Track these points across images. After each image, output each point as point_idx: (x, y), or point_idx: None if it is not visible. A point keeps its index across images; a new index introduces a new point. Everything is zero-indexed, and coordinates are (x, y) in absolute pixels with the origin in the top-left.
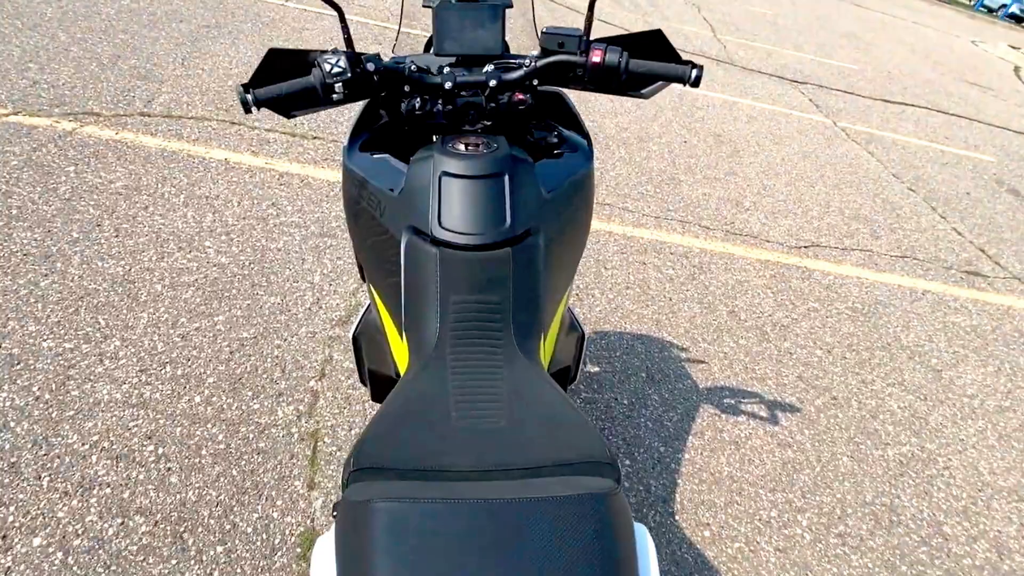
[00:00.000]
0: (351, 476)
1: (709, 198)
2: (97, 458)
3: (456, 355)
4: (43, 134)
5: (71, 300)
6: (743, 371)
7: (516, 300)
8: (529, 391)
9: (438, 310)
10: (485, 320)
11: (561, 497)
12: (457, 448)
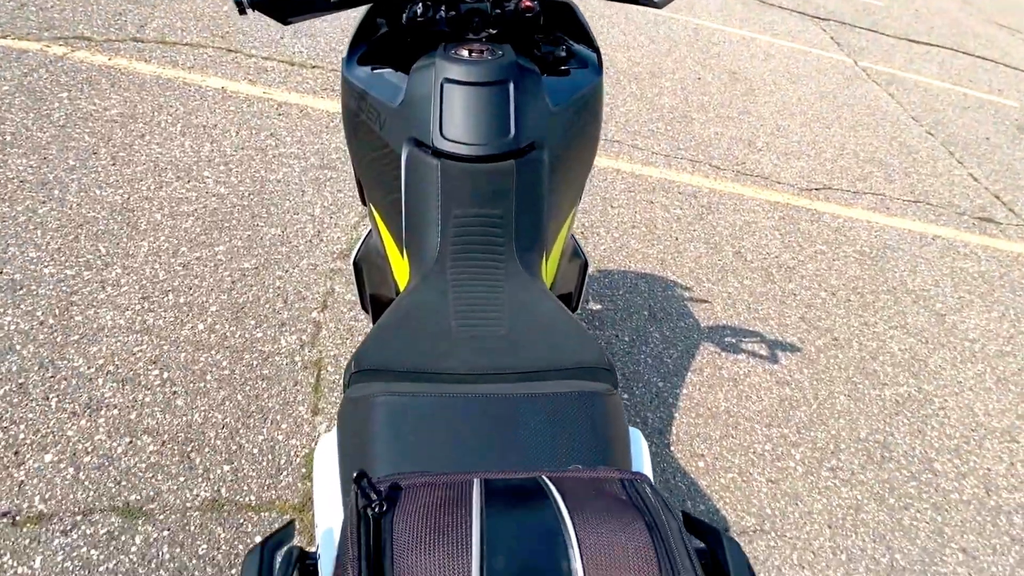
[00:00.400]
0: (352, 377)
1: (721, 137)
2: (103, 381)
3: (457, 268)
4: (33, 59)
5: (70, 228)
6: (746, 311)
7: (519, 215)
8: (530, 303)
9: (439, 224)
10: (487, 234)
11: (557, 394)
12: (456, 353)
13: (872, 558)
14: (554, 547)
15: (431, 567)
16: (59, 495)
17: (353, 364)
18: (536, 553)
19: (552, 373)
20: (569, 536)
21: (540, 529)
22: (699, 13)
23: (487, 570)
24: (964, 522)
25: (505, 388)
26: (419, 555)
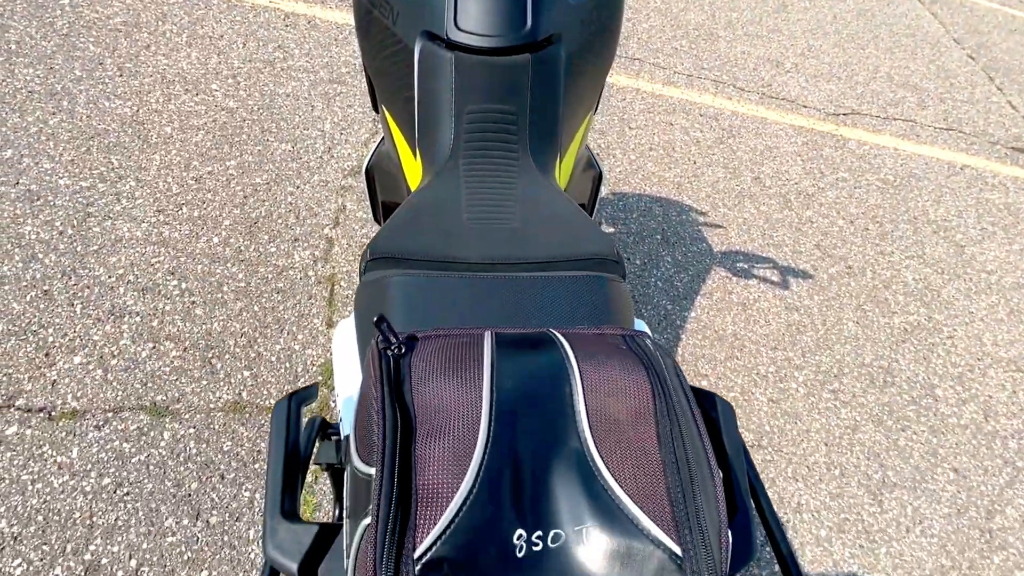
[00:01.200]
0: (367, 265)
1: (748, 57)
2: (124, 290)
3: (469, 164)
4: None
5: (82, 140)
6: (760, 237)
7: (533, 111)
8: (542, 198)
9: (452, 120)
10: (500, 131)
11: (567, 276)
12: (468, 244)
13: (865, 474)
14: (558, 378)
15: (446, 394)
16: (90, 394)
17: (368, 253)
18: (540, 381)
19: (562, 263)
20: (572, 369)
21: (546, 363)
22: None
23: (496, 393)
24: (959, 444)
25: (516, 274)
26: (434, 385)
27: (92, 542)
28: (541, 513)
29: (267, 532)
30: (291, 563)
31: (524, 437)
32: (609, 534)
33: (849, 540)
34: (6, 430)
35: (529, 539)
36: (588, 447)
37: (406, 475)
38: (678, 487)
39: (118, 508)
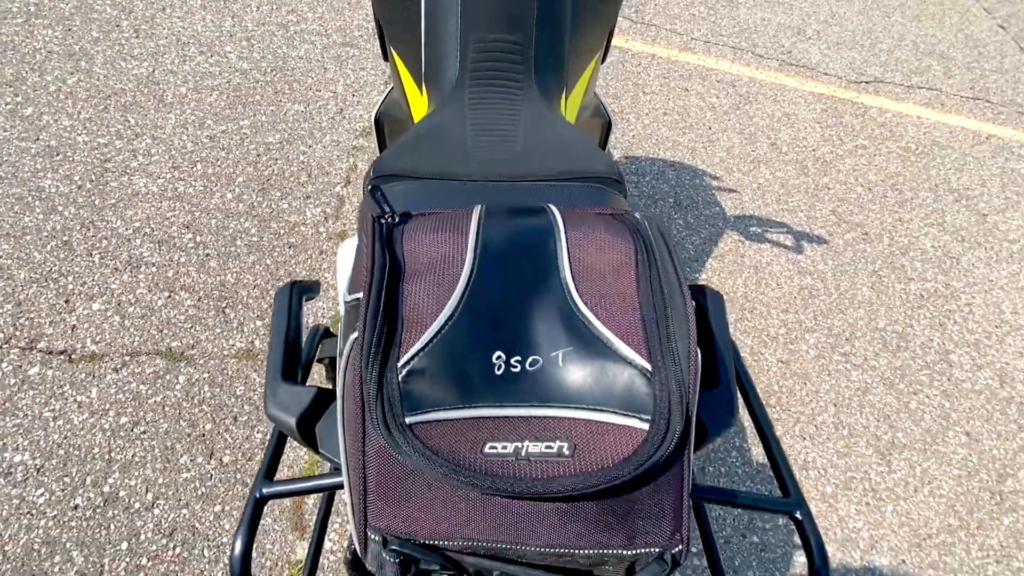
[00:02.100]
0: (371, 183)
1: (768, 24)
2: (141, 241)
3: (475, 93)
4: None
5: (99, 98)
6: (775, 202)
7: (539, 42)
8: (546, 124)
9: (458, 51)
10: (506, 60)
11: (567, 184)
12: (471, 163)
13: (874, 435)
14: (544, 233)
15: (434, 245)
16: (108, 339)
17: (372, 171)
18: (526, 235)
19: (564, 180)
20: (559, 228)
21: (533, 222)
22: None
23: (481, 242)
24: (972, 409)
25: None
26: (423, 238)
27: (111, 475)
28: (520, 340)
29: (268, 393)
30: (290, 419)
31: (506, 276)
32: (584, 356)
33: (855, 497)
34: (29, 370)
35: (508, 361)
36: (568, 287)
37: (392, 302)
38: (652, 318)
39: (135, 445)
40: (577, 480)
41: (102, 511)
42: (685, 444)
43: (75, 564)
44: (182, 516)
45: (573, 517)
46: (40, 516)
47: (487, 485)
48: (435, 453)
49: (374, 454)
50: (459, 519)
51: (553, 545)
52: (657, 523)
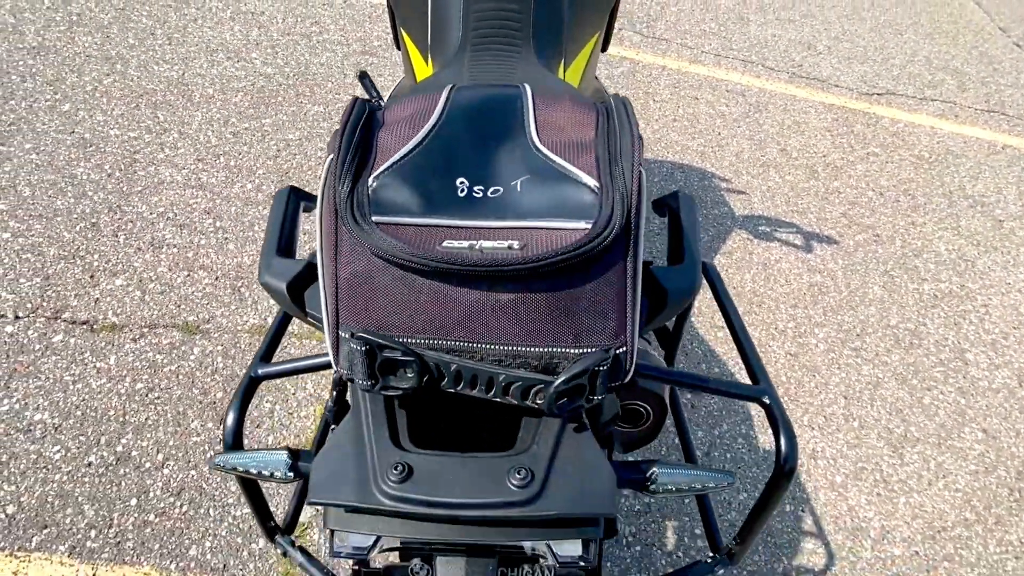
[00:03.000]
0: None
1: (779, 39)
2: (164, 225)
3: (475, 55)
4: None
5: (132, 97)
6: (784, 204)
7: (537, 11)
8: (541, 79)
9: (461, 19)
10: (505, 26)
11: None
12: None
13: (886, 428)
14: (512, 97)
15: (407, 107)
16: (128, 312)
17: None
18: (495, 97)
19: None
20: (526, 94)
21: (503, 90)
22: None
23: (452, 98)
24: (989, 407)
25: None
26: (400, 106)
27: (124, 436)
28: (482, 171)
29: (262, 264)
30: (280, 283)
31: (472, 123)
32: (540, 182)
33: (866, 488)
34: (53, 338)
35: (470, 187)
36: (531, 134)
37: (366, 138)
38: (605, 156)
39: (149, 409)
40: (525, 261)
41: (114, 469)
42: (627, 248)
43: (86, 516)
44: (190, 477)
45: (524, 316)
46: (55, 471)
47: (443, 266)
48: (400, 228)
49: (346, 253)
50: (419, 315)
51: (506, 343)
52: (602, 322)
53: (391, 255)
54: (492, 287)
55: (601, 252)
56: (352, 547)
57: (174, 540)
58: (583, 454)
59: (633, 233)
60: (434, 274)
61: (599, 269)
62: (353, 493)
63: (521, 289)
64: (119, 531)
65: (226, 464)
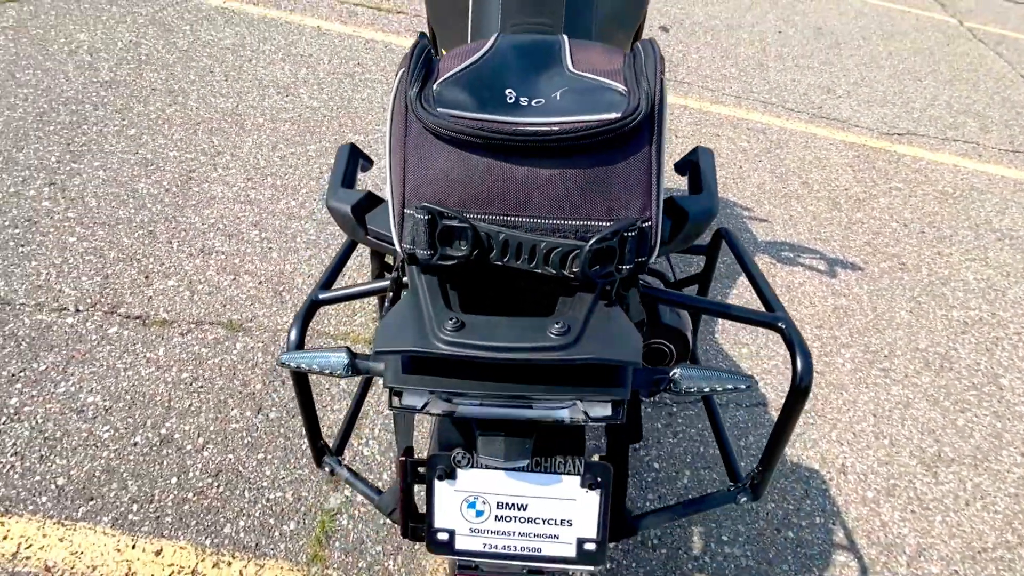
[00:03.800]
0: None
1: (798, 83)
2: (214, 234)
3: None
4: (163, 0)
5: (190, 124)
6: (807, 232)
7: (568, 25)
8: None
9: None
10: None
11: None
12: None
13: (918, 447)
14: (551, 40)
15: (461, 51)
16: (178, 309)
17: None
18: (536, 40)
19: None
20: (563, 39)
21: (542, 35)
22: None
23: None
24: None
25: None
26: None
27: (168, 420)
28: (527, 86)
29: (329, 193)
30: (345, 206)
31: (517, 53)
32: (577, 91)
33: (899, 505)
34: (108, 329)
35: (517, 96)
36: (567, 63)
37: (428, 61)
38: (631, 72)
39: (192, 397)
40: (564, 132)
41: (157, 449)
42: (652, 137)
43: (129, 491)
44: (228, 460)
45: (563, 191)
46: (103, 448)
47: (496, 137)
48: (459, 119)
49: (413, 137)
50: (473, 191)
51: (547, 216)
52: (630, 199)
53: (453, 131)
54: (537, 163)
55: (630, 134)
56: (406, 404)
57: (210, 518)
58: (613, 320)
59: (657, 126)
60: (487, 149)
61: (627, 151)
62: (413, 341)
63: (561, 166)
64: (159, 506)
65: (291, 361)
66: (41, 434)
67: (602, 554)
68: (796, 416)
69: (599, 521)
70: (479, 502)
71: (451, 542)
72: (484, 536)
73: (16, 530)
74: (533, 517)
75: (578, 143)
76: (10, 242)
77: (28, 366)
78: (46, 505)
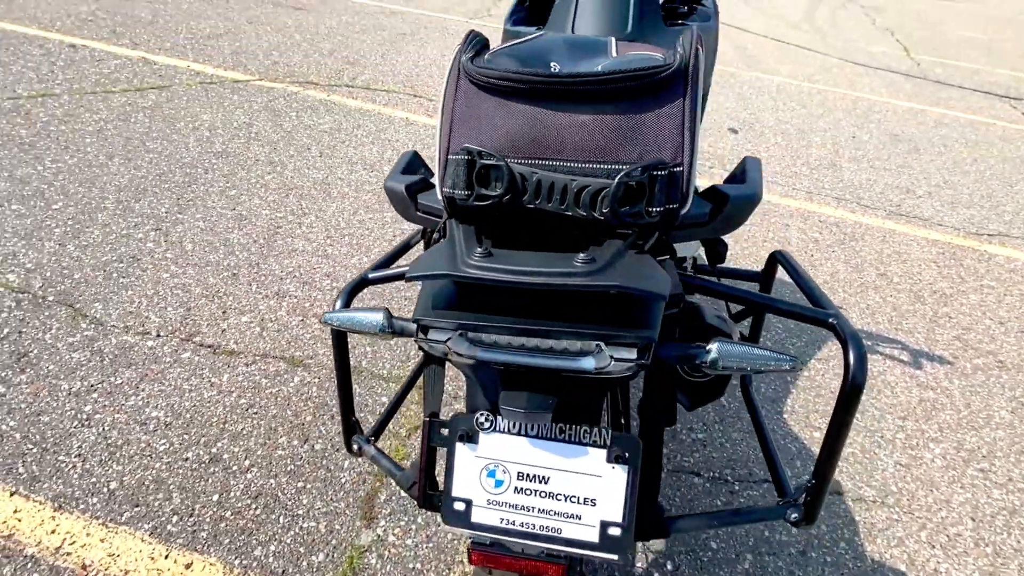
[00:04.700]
0: None
1: (874, 183)
2: (290, 281)
3: None
4: (276, 92)
5: (284, 190)
6: (887, 323)
7: None
8: None
9: None
10: None
11: None
12: None
13: None
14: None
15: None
16: (247, 342)
17: None
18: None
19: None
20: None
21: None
22: (859, 87)
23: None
24: None
25: None
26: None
27: (220, 440)
28: (572, 62)
29: (388, 177)
30: (400, 185)
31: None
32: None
33: None
34: (182, 354)
35: (560, 68)
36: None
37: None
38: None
39: (246, 421)
40: (600, 74)
41: (206, 466)
42: (687, 86)
43: (172, 502)
44: (269, 485)
45: (598, 135)
46: (157, 459)
47: (535, 80)
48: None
49: (463, 94)
50: (511, 136)
51: (581, 159)
52: (662, 145)
53: (497, 79)
54: (573, 109)
55: (663, 84)
56: (431, 339)
57: (243, 538)
58: (643, 262)
59: (691, 81)
60: (528, 96)
61: (660, 101)
62: (443, 267)
63: (596, 112)
64: (197, 521)
65: (332, 320)
66: (105, 440)
67: (627, 542)
68: (850, 420)
69: (626, 503)
70: (499, 471)
71: (467, 513)
72: (502, 510)
73: (64, 526)
74: (555, 492)
75: (613, 88)
76: (114, 273)
77: (107, 379)
78: (95, 506)
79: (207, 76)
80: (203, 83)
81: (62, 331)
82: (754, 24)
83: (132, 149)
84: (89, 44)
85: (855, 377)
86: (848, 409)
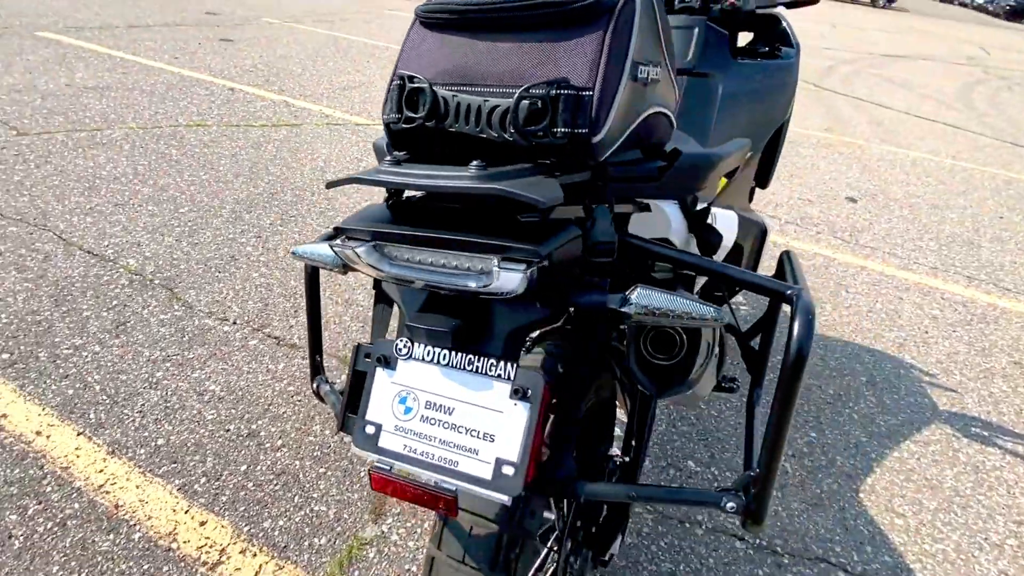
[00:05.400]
0: None
1: (1019, 267)
2: (362, 292)
3: None
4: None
5: None
6: (1014, 415)
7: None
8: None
9: None
10: None
11: None
12: None
13: None
14: None
15: None
16: None
17: None
18: None
19: None
20: None
21: None
22: (1016, 169)
23: None
24: None
25: None
26: None
27: (262, 419)
28: None
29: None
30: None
31: None
32: None
33: None
34: (250, 341)
35: None
36: None
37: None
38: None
39: (288, 406)
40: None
41: (242, 439)
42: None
43: (205, 465)
44: (294, 466)
45: (517, 60)
46: (203, 426)
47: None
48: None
49: (413, 34)
50: (442, 65)
51: (500, 84)
52: (574, 71)
53: (435, 13)
54: (498, 38)
55: (584, 16)
56: (345, 244)
57: (256, 509)
58: (541, 178)
59: (619, 19)
60: (460, 28)
61: (581, 31)
62: (361, 175)
63: (518, 40)
64: (221, 485)
65: (298, 251)
66: (165, 403)
67: (518, 483)
68: (795, 397)
69: (523, 441)
70: (410, 398)
71: (376, 437)
72: (406, 437)
73: (111, 468)
74: (457, 424)
75: (537, 16)
76: (212, 268)
77: (181, 353)
78: (141, 456)
79: (334, 119)
80: (329, 124)
81: (157, 308)
82: (897, 101)
83: (256, 171)
84: (245, 88)
85: (801, 345)
86: (792, 384)
